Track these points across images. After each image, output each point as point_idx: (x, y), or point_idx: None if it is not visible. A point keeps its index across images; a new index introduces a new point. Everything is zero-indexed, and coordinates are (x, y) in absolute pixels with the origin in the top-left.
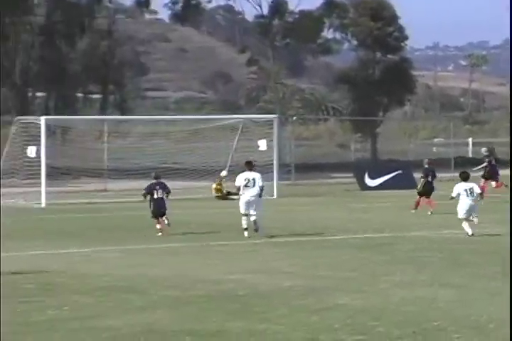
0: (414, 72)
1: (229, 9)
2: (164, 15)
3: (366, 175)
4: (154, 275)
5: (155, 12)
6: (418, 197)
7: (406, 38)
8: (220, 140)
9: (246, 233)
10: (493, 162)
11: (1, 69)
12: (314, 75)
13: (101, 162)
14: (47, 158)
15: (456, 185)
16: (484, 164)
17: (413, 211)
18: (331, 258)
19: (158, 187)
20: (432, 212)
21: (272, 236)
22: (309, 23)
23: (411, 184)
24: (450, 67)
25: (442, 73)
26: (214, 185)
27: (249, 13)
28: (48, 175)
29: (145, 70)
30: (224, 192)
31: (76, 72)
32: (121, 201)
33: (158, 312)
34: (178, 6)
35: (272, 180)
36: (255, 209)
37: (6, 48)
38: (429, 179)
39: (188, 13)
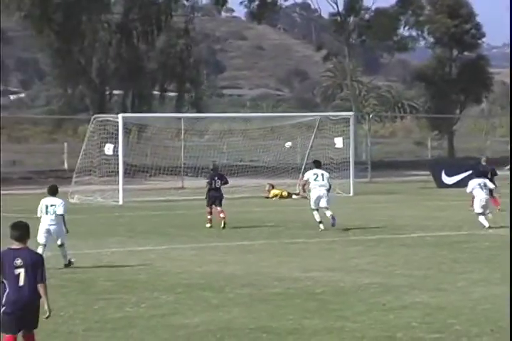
0: (491, 70)
1: (305, 7)
2: (240, 13)
3: (443, 173)
4: (230, 273)
5: (231, 10)
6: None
7: (483, 35)
8: (296, 137)
9: (321, 225)
10: None
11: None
12: (390, 73)
13: (177, 160)
14: (124, 155)
15: (471, 181)
16: None
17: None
18: (408, 256)
19: (216, 177)
20: (500, 209)
21: (349, 234)
22: (385, 21)
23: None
24: None
25: None
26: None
27: (325, 11)
28: (125, 173)
29: (221, 68)
30: (284, 193)
31: (153, 70)
32: (198, 198)
33: (234, 310)
34: (254, 4)
35: (349, 177)
36: (327, 204)
37: (83, 46)
38: (489, 176)
39: (264, 11)
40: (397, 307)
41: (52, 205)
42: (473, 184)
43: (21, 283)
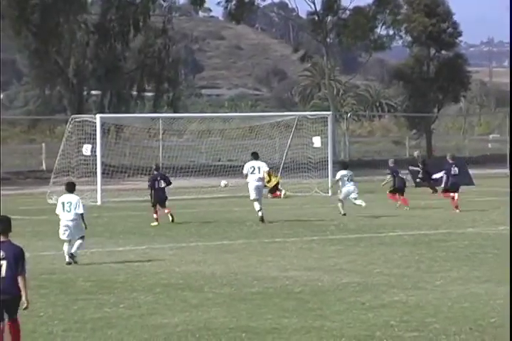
0: (469, 68)
1: (282, 6)
2: (218, 12)
3: (510, 168)
4: (210, 273)
5: (209, 10)
6: (392, 194)
7: (460, 33)
8: (274, 137)
9: (260, 213)
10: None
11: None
12: (368, 72)
13: (156, 160)
14: (102, 156)
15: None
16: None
17: (406, 208)
18: (387, 254)
19: (159, 178)
20: (408, 208)
21: (328, 234)
22: (362, 20)
23: (467, 180)
24: (505, 63)
25: (497, 69)
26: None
27: (303, 10)
28: (104, 173)
29: (199, 68)
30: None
31: (130, 70)
32: (177, 198)
33: (213, 309)
34: (232, 4)
35: (327, 177)
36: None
37: (61, 47)
38: (401, 175)
39: (242, 11)
40: (375, 305)
41: (68, 202)
42: (340, 174)
43: (3, 274)
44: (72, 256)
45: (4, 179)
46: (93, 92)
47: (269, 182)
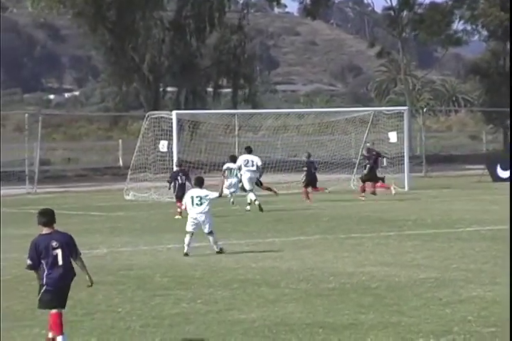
0: None
1: (358, 1)
2: (293, 8)
3: (498, 167)
4: (286, 269)
5: (284, 6)
6: (304, 188)
7: None
8: (350, 132)
9: (257, 202)
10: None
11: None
12: (444, 67)
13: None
14: (178, 152)
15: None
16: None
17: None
18: (464, 250)
19: (181, 174)
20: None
21: (405, 229)
22: (438, 15)
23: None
24: None
25: None
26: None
27: (378, 5)
28: None
29: (275, 64)
30: None
31: (206, 66)
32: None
33: (290, 305)
34: (307, 0)
35: (403, 172)
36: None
37: (137, 44)
38: (313, 170)
39: (317, 7)
40: (453, 301)
41: (197, 196)
42: (225, 166)
43: (60, 262)
44: (221, 250)
45: (82, 175)
46: (169, 89)
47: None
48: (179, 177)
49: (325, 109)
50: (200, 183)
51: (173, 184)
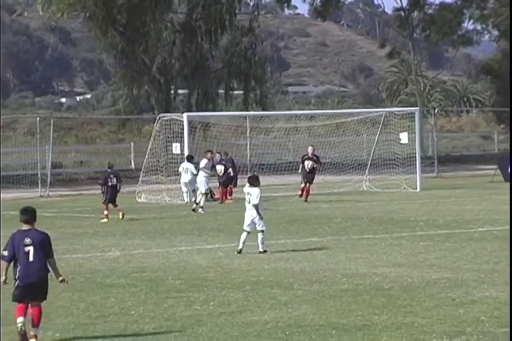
0: None
1: (368, 2)
2: (303, 10)
3: (510, 166)
4: (299, 270)
5: (294, 7)
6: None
7: None
8: (361, 133)
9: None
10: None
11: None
12: (455, 67)
13: (244, 157)
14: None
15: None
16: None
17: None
18: (477, 250)
19: (112, 175)
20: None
21: (417, 229)
22: (449, 15)
23: None
24: None
25: None
26: None
27: (389, 6)
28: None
29: (285, 65)
30: None
31: (217, 68)
32: (264, 196)
33: (303, 306)
34: (318, 1)
35: (415, 172)
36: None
37: (147, 46)
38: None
39: (328, 8)
40: (466, 301)
41: (248, 194)
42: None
43: (31, 259)
44: (264, 252)
45: (94, 178)
46: (180, 91)
47: None
48: (109, 180)
49: (336, 110)
50: (253, 182)
51: (104, 187)
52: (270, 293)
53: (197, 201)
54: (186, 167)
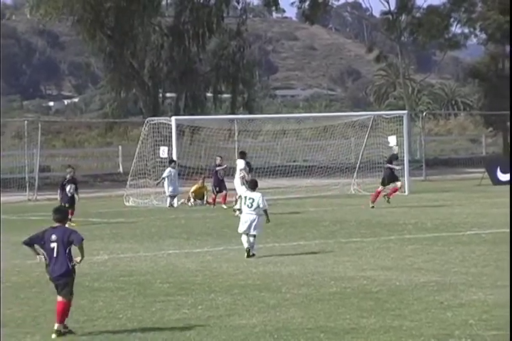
0: None
1: (356, 6)
2: (291, 13)
3: (498, 170)
4: (287, 274)
5: (282, 11)
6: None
7: None
8: (349, 137)
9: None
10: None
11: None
12: (443, 70)
13: (231, 161)
14: (178, 157)
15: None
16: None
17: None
18: (465, 253)
19: (67, 181)
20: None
21: (405, 233)
22: (437, 18)
23: None
24: None
25: None
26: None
27: (376, 9)
28: (179, 175)
29: (273, 69)
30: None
31: (205, 72)
32: None
33: (291, 310)
34: (306, 4)
35: (403, 176)
36: None
37: (135, 50)
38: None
39: (315, 11)
40: (454, 305)
41: (250, 198)
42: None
43: (55, 254)
44: (252, 255)
45: (81, 182)
46: (168, 95)
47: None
48: (67, 186)
49: (324, 113)
50: (253, 186)
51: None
52: (258, 296)
53: (237, 207)
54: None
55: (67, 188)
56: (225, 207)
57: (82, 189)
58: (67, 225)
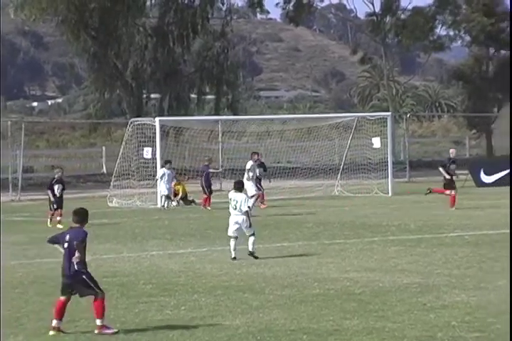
0: None
1: (340, 7)
2: (276, 14)
3: (481, 172)
4: (270, 275)
5: (267, 12)
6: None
7: None
8: (333, 138)
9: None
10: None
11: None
12: (427, 72)
13: (216, 162)
14: (162, 158)
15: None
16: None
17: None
18: (448, 255)
19: (55, 181)
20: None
21: (389, 234)
22: (421, 20)
23: None
24: None
25: None
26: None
27: (361, 11)
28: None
29: (258, 70)
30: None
31: (189, 73)
32: None
33: (274, 311)
34: (290, 6)
35: (387, 177)
36: None
37: (119, 51)
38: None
39: (300, 13)
40: (437, 306)
41: (234, 200)
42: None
43: (67, 254)
44: (251, 253)
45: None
46: (152, 96)
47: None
48: (55, 186)
49: (308, 114)
50: (238, 187)
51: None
52: (241, 297)
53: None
54: (163, 172)
55: (55, 188)
56: (209, 208)
57: (66, 189)
58: (61, 226)
